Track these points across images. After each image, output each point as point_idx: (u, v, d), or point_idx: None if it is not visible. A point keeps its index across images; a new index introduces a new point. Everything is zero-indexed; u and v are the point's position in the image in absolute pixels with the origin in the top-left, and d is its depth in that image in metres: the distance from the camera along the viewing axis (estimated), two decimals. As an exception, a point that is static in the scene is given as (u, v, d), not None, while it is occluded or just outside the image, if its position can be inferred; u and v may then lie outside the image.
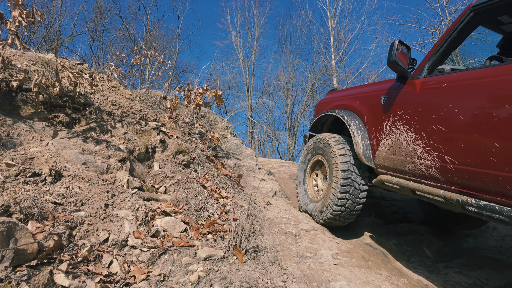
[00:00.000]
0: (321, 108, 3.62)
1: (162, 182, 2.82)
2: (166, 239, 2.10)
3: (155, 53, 6.99)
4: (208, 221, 2.46)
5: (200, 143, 4.03)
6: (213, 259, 2.02)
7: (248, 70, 21.48)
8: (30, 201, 1.79)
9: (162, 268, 1.85)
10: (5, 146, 2.23)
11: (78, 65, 3.75)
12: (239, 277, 1.90)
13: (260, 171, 4.40)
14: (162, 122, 3.68)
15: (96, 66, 10.83)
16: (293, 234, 2.71)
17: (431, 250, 3.11)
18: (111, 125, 3.02)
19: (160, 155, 3.12)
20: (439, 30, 10.55)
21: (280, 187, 4.10)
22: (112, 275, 1.69)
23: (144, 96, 4.59)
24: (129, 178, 2.49)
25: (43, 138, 2.51)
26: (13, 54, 3.09)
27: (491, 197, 1.76)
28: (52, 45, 13.98)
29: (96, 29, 19.03)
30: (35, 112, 2.68)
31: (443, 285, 2.51)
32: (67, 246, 1.72)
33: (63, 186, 2.10)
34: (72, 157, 2.39)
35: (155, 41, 18.47)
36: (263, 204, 3.33)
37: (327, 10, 17.09)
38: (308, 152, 3.45)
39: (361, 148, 2.71)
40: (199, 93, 4.14)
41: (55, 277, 1.50)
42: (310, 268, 2.26)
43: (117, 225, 2.01)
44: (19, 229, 1.54)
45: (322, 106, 3.61)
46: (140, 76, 9.95)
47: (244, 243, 2.18)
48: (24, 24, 2.48)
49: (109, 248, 1.86)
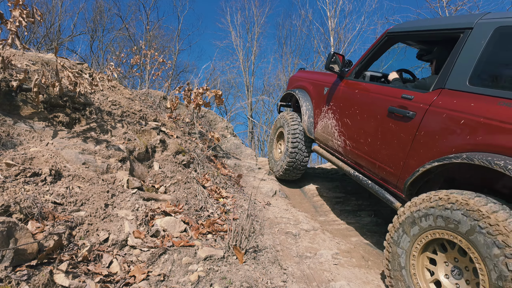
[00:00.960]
0: (291, 83, 4.39)
1: (162, 182, 2.82)
2: (166, 239, 2.10)
3: (155, 53, 6.99)
4: (208, 221, 2.46)
5: (200, 143, 4.03)
6: (213, 259, 2.02)
7: (248, 70, 21.49)
8: (30, 201, 1.79)
9: (162, 268, 1.85)
10: (5, 146, 2.24)
11: (78, 65, 3.75)
12: (239, 277, 1.91)
13: (260, 171, 4.40)
14: (162, 122, 3.68)
15: (96, 66, 10.83)
16: (293, 234, 2.71)
17: (431, 250, 3.11)
18: (111, 125, 3.02)
19: (160, 155, 3.12)
20: (439, 30, 10.54)
21: (280, 187, 4.10)
22: (112, 275, 1.69)
23: (144, 96, 4.59)
24: (129, 178, 2.49)
25: (43, 138, 2.51)
26: (13, 54, 3.09)
27: (365, 172, 2.72)
28: (52, 45, 13.98)
29: (96, 29, 19.03)
30: (35, 112, 2.68)
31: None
32: (67, 246, 1.72)
33: (63, 186, 2.10)
34: (72, 157, 2.39)
35: (155, 41, 18.47)
36: (263, 204, 3.34)
37: (327, 10, 17.08)
38: (275, 126, 4.38)
39: (306, 125, 3.64)
40: (199, 93, 4.14)
41: (55, 277, 1.50)
42: (310, 268, 2.26)
43: (117, 225, 2.01)
44: (19, 229, 1.54)
45: (291, 82, 4.38)
46: (140, 76, 9.95)
47: (244, 243, 2.18)
48: (24, 24, 2.47)
49: (109, 248, 1.86)
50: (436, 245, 1.85)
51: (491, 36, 1.93)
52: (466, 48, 2.06)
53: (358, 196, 4.19)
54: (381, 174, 2.48)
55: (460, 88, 1.99)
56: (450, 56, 2.17)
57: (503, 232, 1.47)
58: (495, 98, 1.76)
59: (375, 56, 2.99)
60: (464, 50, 2.08)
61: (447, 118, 1.96)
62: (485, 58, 1.94)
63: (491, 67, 1.94)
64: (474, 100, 1.86)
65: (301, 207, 3.76)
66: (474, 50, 2.00)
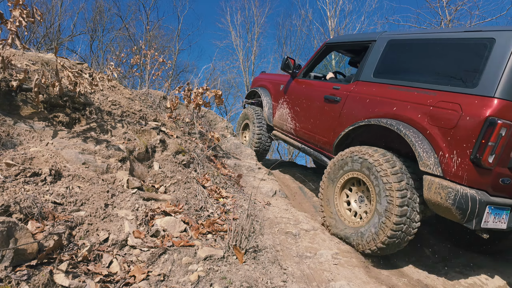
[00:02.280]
0: (254, 83, 5.41)
1: (162, 182, 2.82)
2: (166, 239, 2.10)
3: (155, 53, 6.98)
4: (208, 221, 2.46)
5: (200, 143, 4.03)
6: (213, 259, 2.02)
7: (248, 70, 21.44)
8: (30, 201, 1.79)
9: (162, 268, 1.85)
10: (5, 146, 2.23)
11: (78, 64, 3.74)
12: (239, 277, 1.91)
13: (260, 171, 4.39)
14: (162, 122, 3.68)
15: (96, 66, 10.82)
16: (293, 234, 2.71)
17: (431, 250, 3.11)
18: (111, 125, 3.02)
19: (160, 155, 3.12)
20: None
21: (280, 187, 4.10)
22: (112, 275, 1.69)
23: (144, 96, 4.59)
24: (129, 178, 2.49)
25: (43, 138, 2.51)
26: (13, 54, 3.09)
27: (309, 145, 3.76)
28: (52, 45, 13.97)
29: (96, 29, 19.00)
30: (35, 112, 2.68)
31: (443, 284, 2.52)
32: (67, 246, 1.72)
33: (63, 186, 2.10)
34: (72, 157, 2.39)
35: (155, 41, 18.46)
36: (263, 204, 3.34)
37: (327, 10, 17.04)
38: (241, 119, 5.36)
39: (266, 114, 4.62)
40: (199, 93, 4.14)
41: (55, 277, 1.50)
42: (310, 268, 2.26)
43: (117, 225, 2.01)
44: (19, 229, 1.54)
45: (255, 82, 5.39)
46: (140, 76, 9.95)
47: (244, 243, 2.18)
48: (24, 24, 2.47)
49: (109, 248, 1.86)
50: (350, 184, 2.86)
51: (385, 46, 3.00)
52: (372, 54, 3.10)
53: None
54: (319, 144, 3.54)
55: (368, 80, 3.04)
56: (363, 58, 3.21)
57: (379, 161, 2.49)
58: (387, 85, 2.83)
59: (318, 60, 4.09)
60: (370, 54, 3.11)
61: (359, 99, 3.00)
62: (382, 60, 2.99)
63: (386, 65, 2.97)
64: (376, 87, 2.93)
65: (301, 207, 3.76)
66: (376, 54, 3.06)
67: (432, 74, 2.54)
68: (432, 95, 2.43)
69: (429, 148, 2.33)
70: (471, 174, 2.17)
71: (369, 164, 2.56)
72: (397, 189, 2.35)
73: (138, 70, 9.50)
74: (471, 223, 2.14)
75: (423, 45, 2.73)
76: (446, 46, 2.55)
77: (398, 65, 2.92)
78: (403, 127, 2.47)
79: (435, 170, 2.27)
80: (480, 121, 2.10)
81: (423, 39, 2.75)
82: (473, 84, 2.24)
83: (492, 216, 2.21)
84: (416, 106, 2.48)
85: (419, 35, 2.82)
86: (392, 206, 2.34)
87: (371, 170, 2.54)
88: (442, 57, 2.55)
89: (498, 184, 2.26)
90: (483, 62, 2.23)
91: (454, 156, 2.22)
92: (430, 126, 2.36)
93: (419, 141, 2.36)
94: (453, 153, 2.23)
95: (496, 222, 2.24)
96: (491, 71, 2.17)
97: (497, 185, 2.26)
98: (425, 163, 2.30)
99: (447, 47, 2.54)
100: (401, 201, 2.32)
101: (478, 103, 2.16)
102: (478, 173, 2.17)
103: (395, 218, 2.32)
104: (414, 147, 2.36)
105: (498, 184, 2.26)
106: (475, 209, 2.11)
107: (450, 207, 2.16)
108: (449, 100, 2.31)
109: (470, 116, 2.16)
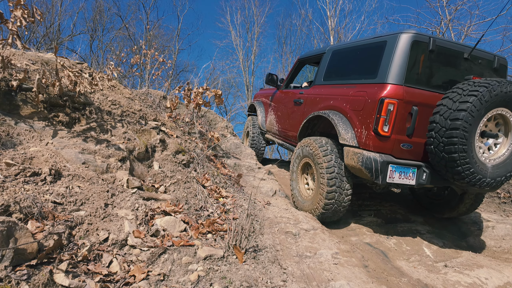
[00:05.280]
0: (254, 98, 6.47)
1: (162, 181, 2.82)
2: (166, 238, 2.10)
3: (155, 53, 6.98)
4: (208, 220, 2.46)
5: (200, 142, 4.03)
6: (213, 259, 2.02)
7: (248, 70, 21.43)
8: (30, 200, 1.79)
9: (162, 267, 1.85)
10: (5, 145, 2.23)
11: (78, 64, 3.74)
12: (239, 277, 1.91)
13: (260, 170, 4.39)
14: (162, 122, 3.68)
15: (96, 65, 10.81)
16: (293, 234, 2.71)
17: (431, 250, 3.11)
18: (111, 124, 3.02)
19: (160, 154, 3.12)
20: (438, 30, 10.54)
21: (280, 186, 4.10)
22: (112, 275, 1.69)
23: (144, 96, 4.58)
24: (129, 178, 2.49)
25: (43, 138, 2.51)
26: (13, 54, 3.08)
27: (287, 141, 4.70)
28: (52, 45, 13.96)
29: (95, 29, 18.95)
30: (35, 111, 2.68)
31: (443, 284, 2.52)
32: (67, 246, 1.72)
33: (63, 186, 2.10)
34: (72, 156, 2.38)
35: (155, 40, 18.42)
36: (263, 203, 3.34)
37: (327, 10, 17.03)
38: (244, 127, 6.42)
39: (260, 121, 5.69)
40: (199, 93, 4.14)
41: (55, 277, 1.50)
42: (310, 267, 2.26)
43: (117, 224, 2.01)
44: (19, 228, 1.54)
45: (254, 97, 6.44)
46: (140, 76, 9.94)
47: (244, 242, 2.18)
48: (24, 24, 2.47)
49: (109, 248, 1.86)
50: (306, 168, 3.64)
51: (330, 55, 3.85)
52: (322, 62, 3.97)
53: (358, 196, 4.19)
54: (292, 138, 4.42)
55: (320, 83, 3.89)
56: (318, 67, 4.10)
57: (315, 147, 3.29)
58: (330, 85, 3.65)
59: (295, 74, 5.06)
60: (321, 63, 3.99)
61: (313, 99, 3.85)
62: (328, 66, 3.84)
63: (331, 70, 3.80)
64: (324, 88, 3.76)
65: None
66: (325, 62, 3.91)
67: (355, 72, 3.35)
68: (352, 88, 3.19)
69: (348, 126, 3.08)
70: (374, 142, 2.82)
71: (310, 150, 3.37)
72: (326, 166, 3.11)
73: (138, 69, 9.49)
74: (378, 179, 2.73)
75: (350, 51, 3.58)
76: (362, 50, 3.35)
77: (337, 69, 3.73)
78: (332, 114, 3.27)
79: (351, 142, 2.99)
80: (375, 101, 2.81)
81: (349, 47, 3.60)
82: (374, 76, 2.96)
83: (397, 174, 2.77)
84: (343, 98, 3.26)
85: (347, 44, 3.71)
86: (324, 180, 3.09)
87: (312, 155, 3.32)
88: (360, 58, 3.36)
89: (400, 149, 2.83)
90: (380, 59, 2.95)
91: (363, 130, 2.92)
92: (350, 111, 3.12)
93: (340, 123, 3.13)
94: (362, 128, 2.93)
95: (403, 179, 2.80)
96: (384, 64, 2.88)
97: (399, 150, 2.83)
98: (343, 137, 3.06)
99: (362, 51, 3.33)
100: (329, 175, 3.07)
101: (376, 89, 2.86)
102: (379, 140, 2.80)
103: (327, 188, 3.07)
104: (336, 126, 3.14)
105: (400, 149, 2.83)
106: (378, 167, 2.72)
107: (361, 168, 2.81)
108: (361, 89, 3.07)
109: (371, 99, 2.88)
